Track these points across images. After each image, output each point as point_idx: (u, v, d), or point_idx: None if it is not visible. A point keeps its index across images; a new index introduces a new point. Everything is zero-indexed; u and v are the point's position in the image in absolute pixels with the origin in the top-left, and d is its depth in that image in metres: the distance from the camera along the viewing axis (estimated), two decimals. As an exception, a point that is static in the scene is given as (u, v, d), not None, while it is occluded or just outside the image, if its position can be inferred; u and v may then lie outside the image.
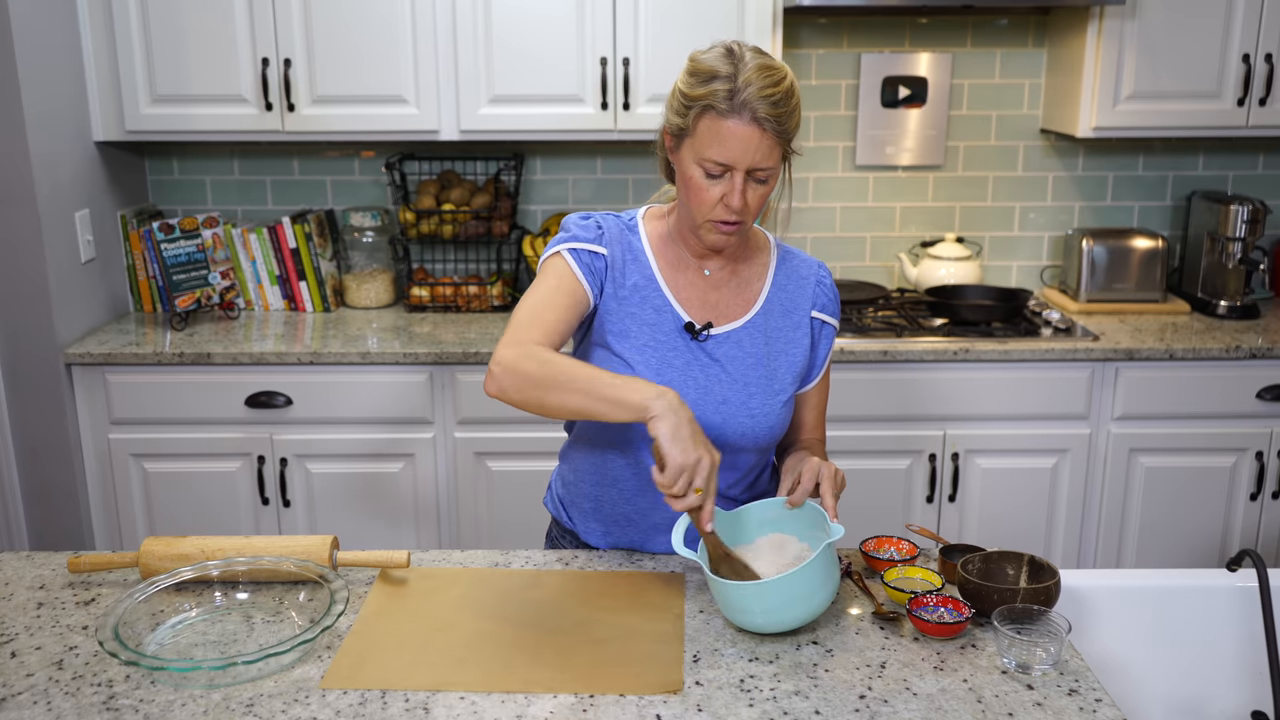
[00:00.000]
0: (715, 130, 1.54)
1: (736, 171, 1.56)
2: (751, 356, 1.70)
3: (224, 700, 1.35)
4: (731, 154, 1.55)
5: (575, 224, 1.71)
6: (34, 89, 2.82)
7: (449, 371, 2.95)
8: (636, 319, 1.68)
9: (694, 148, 1.57)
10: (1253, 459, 3.04)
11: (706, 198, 1.59)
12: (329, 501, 3.02)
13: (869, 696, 1.37)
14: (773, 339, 1.72)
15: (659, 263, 1.71)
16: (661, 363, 1.67)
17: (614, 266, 1.68)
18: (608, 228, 1.71)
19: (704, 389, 1.67)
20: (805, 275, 1.76)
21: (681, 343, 1.68)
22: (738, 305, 1.72)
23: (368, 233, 3.40)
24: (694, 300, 1.71)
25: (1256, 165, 3.52)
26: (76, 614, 1.57)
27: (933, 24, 3.40)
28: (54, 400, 2.93)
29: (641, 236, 1.72)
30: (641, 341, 1.67)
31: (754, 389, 1.68)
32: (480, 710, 1.34)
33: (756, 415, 1.68)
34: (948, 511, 3.07)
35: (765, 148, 1.55)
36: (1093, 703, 1.36)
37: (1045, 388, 2.99)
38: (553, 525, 1.90)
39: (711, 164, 1.56)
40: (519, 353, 1.55)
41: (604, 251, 1.68)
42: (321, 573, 1.56)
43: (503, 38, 3.03)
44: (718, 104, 1.53)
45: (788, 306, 1.74)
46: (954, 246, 3.44)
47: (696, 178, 1.59)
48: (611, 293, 1.68)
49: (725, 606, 1.50)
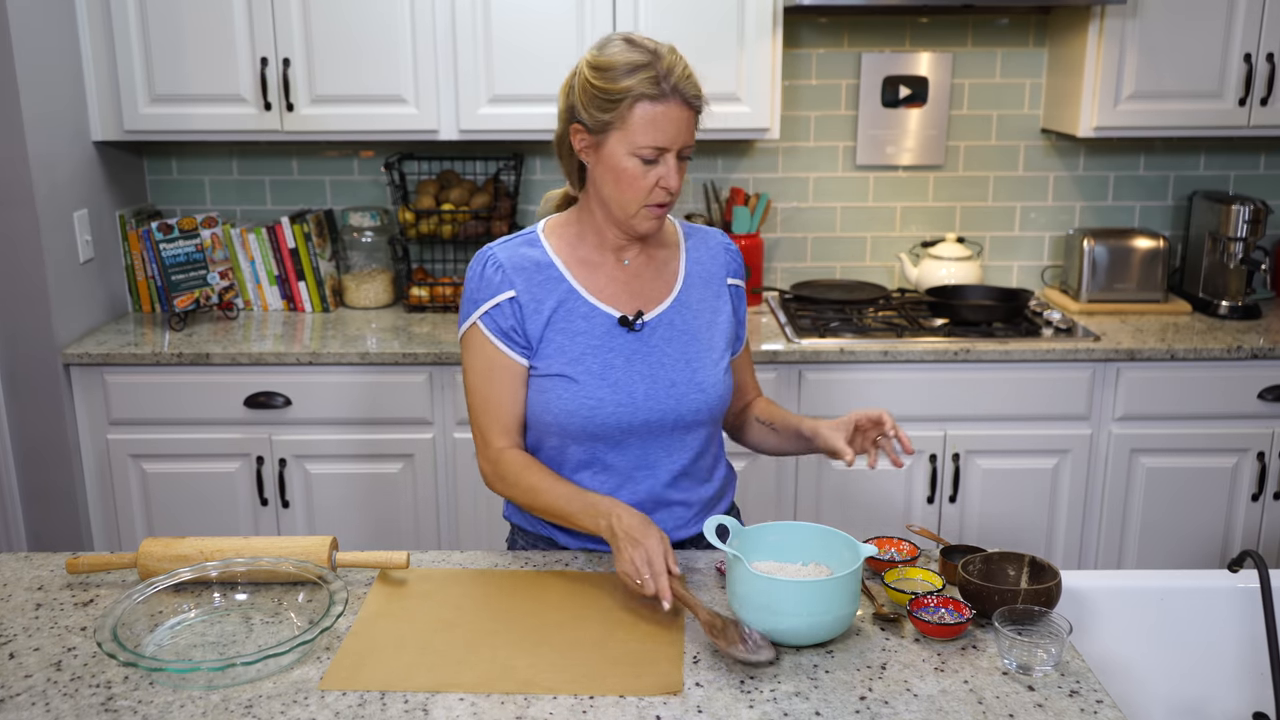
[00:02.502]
0: (650, 116, 1.60)
1: (670, 153, 1.63)
2: (686, 334, 1.74)
3: (223, 701, 1.35)
4: (667, 137, 1.61)
5: (474, 279, 1.72)
6: (32, 89, 2.81)
7: (448, 372, 2.95)
8: (566, 333, 1.70)
9: (626, 138, 1.61)
10: (1254, 459, 3.03)
11: (642, 185, 1.64)
12: (328, 502, 3.02)
13: (869, 698, 1.36)
14: (699, 312, 1.77)
15: (573, 271, 1.73)
16: (604, 365, 1.69)
17: (526, 301, 1.70)
18: (504, 261, 1.71)
19: (651, 377, 1.70)
20: (713, 245, 1.83)
21: (619, 340, 1.71)
22: (660, 287, 1.76)
23: (367, 233, 3.40)
24: (619, 294, 1.73)
25: (1258, 165, 3.51)
26: (75, 615, 1.56)
27: (933, 23, 3.40)
28: (52, 401, 2.93)
29: (547, 251, 1.74)
30: (577, 353, 1.69)
31: (697, 364, 1.73)
32: (480, 711, 1.33)
33: (706, 388, 1.73)
34: (948, 512, 3.06)
35: (691, 126, 1.64)
36: (1094, 704, 1.36)
37: (1046, 388, 2.98)
38: (515, 534, 1.88)
39: (649, 150, 1.61)
40: (492, 473, 1.74)
41: (511, 294, 1.70)
42: (320, 573, 1.56)
43: (502, 37, 3.02)
44: (649, 91, 1.59)
45: (705, 278, 1.80)
46: (954, 246, 3.43)
47: (631, 168, 1.62)
48: (534, 329, 1.70)
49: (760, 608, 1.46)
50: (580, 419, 1.68)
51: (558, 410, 1.69)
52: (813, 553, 1.59)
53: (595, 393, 1.68)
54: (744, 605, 1.48)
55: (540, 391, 1.71)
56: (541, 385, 1.71)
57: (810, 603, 1.44)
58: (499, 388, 1.71)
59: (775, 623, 1.45)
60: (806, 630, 1.45)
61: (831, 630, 1.46)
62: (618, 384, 1.69)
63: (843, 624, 1.47)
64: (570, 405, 1.68)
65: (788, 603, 1.44)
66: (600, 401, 1.68)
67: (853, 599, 1.47)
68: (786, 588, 1.44)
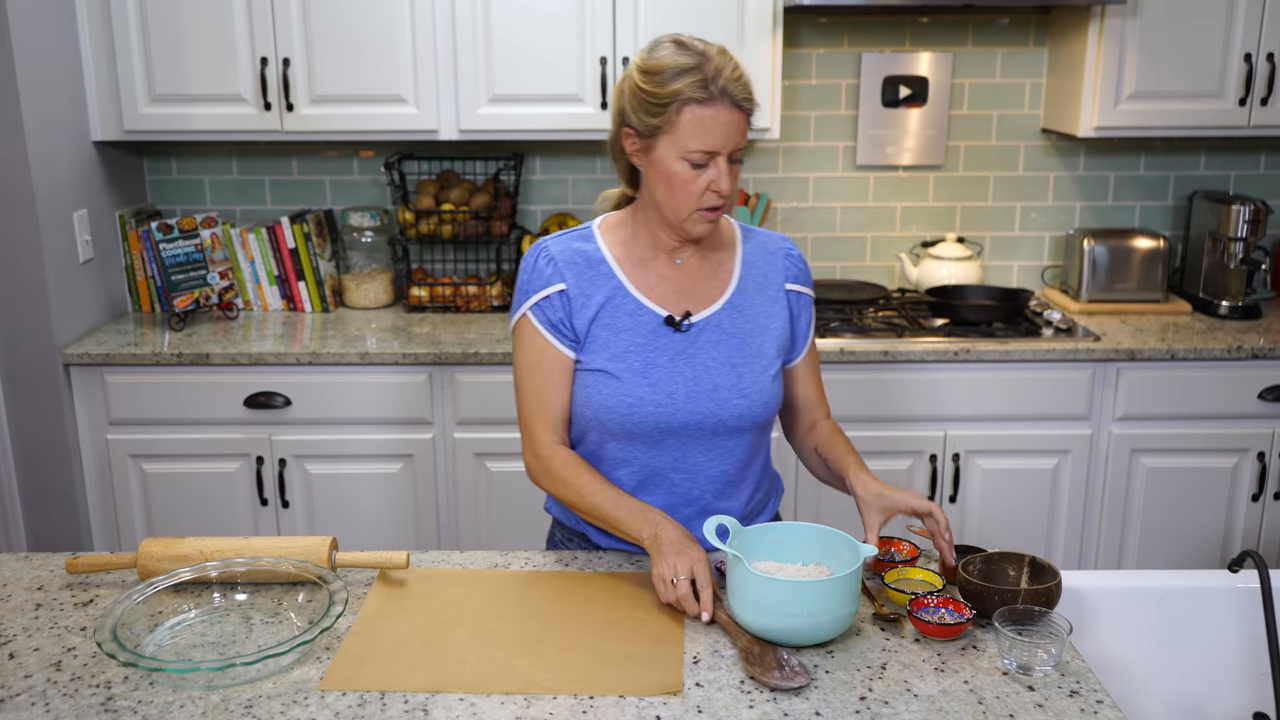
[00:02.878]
0: (700, 120, 1.58)
1: (721, 156, 1.61)
2: (734, 337, 1.72)
3: (223, 701, 1.35)
4: (717, 140, 1.59)
5: (527, 271, 1.73)
6: (32, 89, 2.81)
7: (448, 372, 2.94)
8: (612, 329, 1.70)
9: (675, 142, 1.60)
10: (1254, 460, 3.03)
11: (693, 189, 1.62)
12: (328, 502, 3.02)
13: (869, 698, 1.36)
14: (751, 316, 1.74)
15: (624, 268, 1.72)
16: (646, 364, 1.68)
17: (575, 295, 1.70)
18: (556, 254, 1.72)
19: (693, 379, 1.69)
20: (773, 250, 1.80)
21: (664, 339, 1.70)
22: (712, 289, 1.74)
23: (367, 233, 3.40)
24: (669, 293, 1.72)
25: (1258, 165, 3.51)
26: (75, 615, 1.56)
27: (933, 23, 3.39)
28: (52, 401, 2.93)
29: (600, 247, 1.73)
30: (620, 350, 1.69)
31: (742, 369, 1.71)
32: (480, 711, 1.33)
33: (749, 394, 1.71)
34: (949, 512, 3.06)
35: (742, 128, 1.62)
36: (1094, 704, 1.35)
37: (1046, 388, 2.98)
38: (555, 528, 1.90)
39: (699, 154, 1.60)
40: (539, 469, 1.74)
41: (562, 286, 1.70)
42: (320, 574, 1.56)
43: (502, 37, 3.02)
44: (697, 94, 1.57)
45: (760, 282, 1.77)
46: (955, 246, 3.43)
47: (681, 171, 1.61)
48: (581, 323, 1.70)
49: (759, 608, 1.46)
50: (619, 416, 1.68)
51: (597, 405, 1.69)
52: (813, 553, 1.59)
53: (635, 390, 1.67)
54: (744, 605, 1.47)
55: (582, 386, 1.71)
56: (584, 380, 1.71)
57: (810, 603, 1.43)
58: (546, 381, 1.71)
59: (775, 623, 1.45)
60: (807, 630, 1.45)
61: (832, 630, 1.46)
62: (659, 383, 1.68)
63: (843, 624, 1.47)
64: (609, 401, 1.68)
65: (788, 603, 1.44)
66: (640, 400, 1.67)
67: (853, 599, 1.47)
68: (786, 588, 1.44)
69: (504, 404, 2.94)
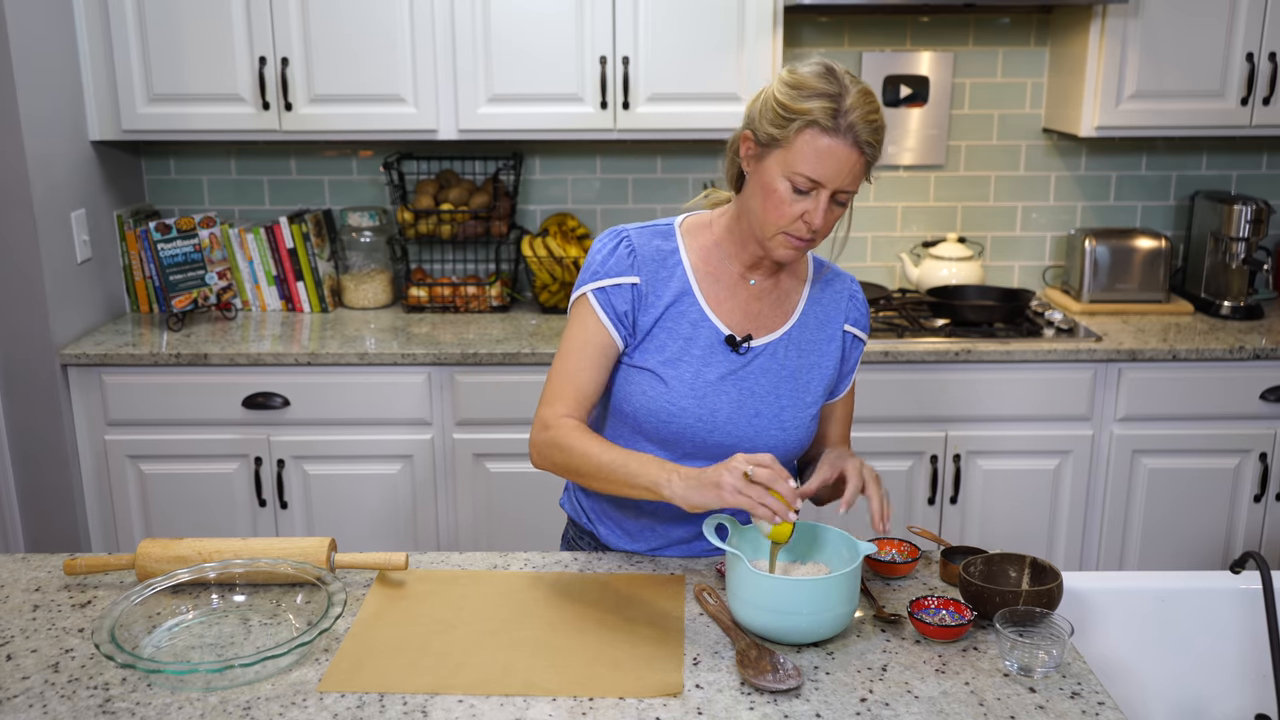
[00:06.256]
0: (815, 146, 1.54)
1: (824, 190, 1.57)
2: (785, 369, 1.70)
3: (221, 703, 1.34)
4: (827, 172, 1.55)
5: (604, 253, 1.70)
6: (30, 88, 2.81)
7: (447, 372, 2.94)
8: (671, 333, 1.68)
9: (786, 160, 1.56)
10: (1256, 460, 3.03)
11: (787, 211, 1.58)
12: (326, 503, 3.01)
13: (870, 699, 1.36)
14: (805, 352, 1.72)
15: (698, 276, 1.70)
16: (695, 376, 1.67)
17: (646, 293, 1.68)
18: (639, 247, 1.69)
19: (737, 402, 1.67)
20: (839, 289, 1.78)
21: (718, 356, 1.68)
22: (776, 317, 1.72)
23: (365, 233, 3.39)
24: (735, 311, 1.70)
25: (1260, 165, 3.51)
26: (72, 616, 1.56)
27: (934, 23, 3.39)
28: (50, 401, 2.92)
29: (680, 249, 1.71)
30: (673, 355, 1.67)
31: (785, 401, 1.69)
32: (479, 713, 1.33)
33: (788, 427, 1.69)
34: (950, 513, 3.06)
35: (857, 171, 1.57)
36: (1095, 705, 1.35)
37: (1047, 389, 2.98)
38: (569, 526, 1.89)
39: (803, 179, 1.56)
40: (545, 440, 1.64)
41: (635, 280, 1.67)
42: (319, 575, 1.55)
43: (501, 36, 3.02)
44: (823, 120, 1.53)
45: (822, 320, 1.75)
46: (956, 246, 3.43)
47: (782, 190, 1.58)
48: (645, 321, 1.68)
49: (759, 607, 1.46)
50: (658, 421, 1.67)
51: (638, 404, 1.67)
52: (812, 552, 1.59)
53: (679, 400, 1.66)
54: (743, 604, 1.47)
55: (627, 381, 1.69)
56: (630, 375, 1.69)
57: (809, 601, 1.43)
58: (587, 362, 1.67)
59: (775, 621, 1.44)
60: (806, 629, 1.44)
61: (831, 629, 1.46)
62: (703, 398, 1.66)
63: (842, 623, 1.47)
64: (652, 405, 1.66)
65: (787, 601, 1.43)
66: (682, 410, 1.66)
67: (852, 598, 1.47)
68: (786, 586, 1.44)
69: (503, 404, 2.94)
